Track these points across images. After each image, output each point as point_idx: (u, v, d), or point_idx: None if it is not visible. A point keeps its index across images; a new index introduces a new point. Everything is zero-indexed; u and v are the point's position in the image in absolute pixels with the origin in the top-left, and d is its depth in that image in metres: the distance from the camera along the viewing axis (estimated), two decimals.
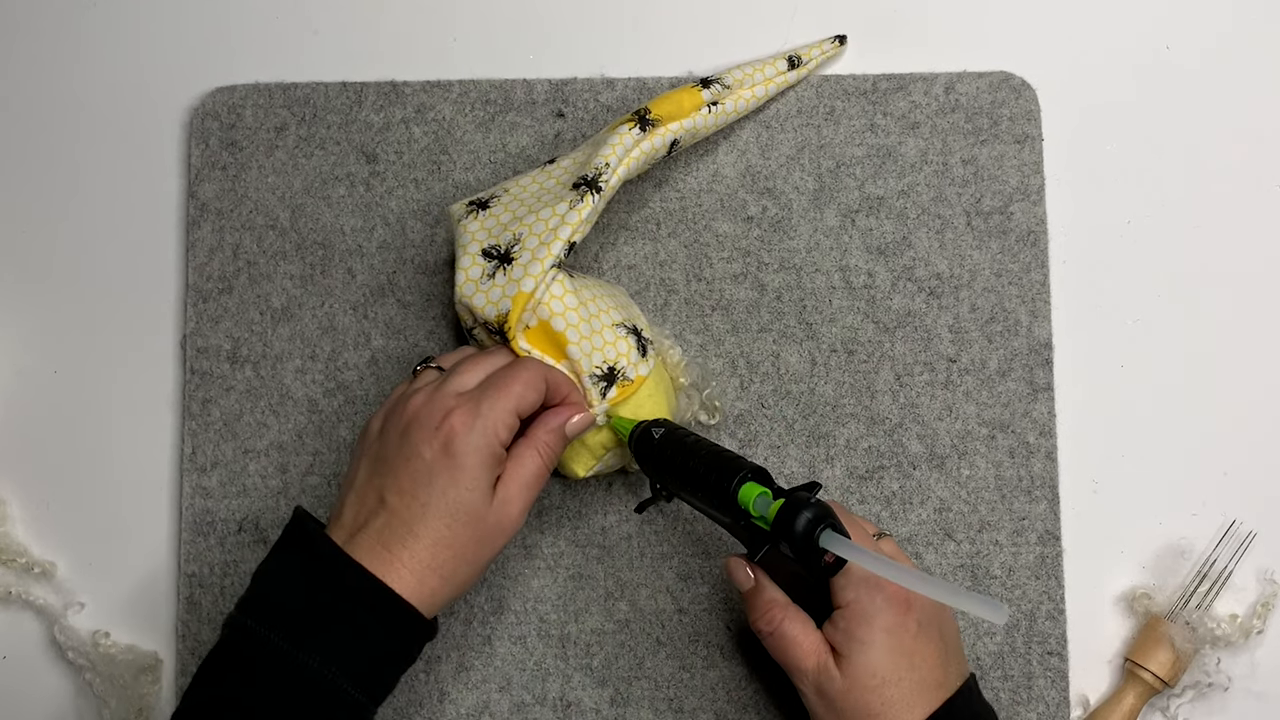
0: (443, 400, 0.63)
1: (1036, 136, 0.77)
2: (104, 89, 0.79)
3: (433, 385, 0.64)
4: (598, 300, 0.69)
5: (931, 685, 0.61)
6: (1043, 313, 0.75)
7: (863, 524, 0.65)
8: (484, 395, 0.63)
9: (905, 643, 0.61)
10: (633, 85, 0.77)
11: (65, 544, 0.76)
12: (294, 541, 0.62)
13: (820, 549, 0.58)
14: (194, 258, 0.77)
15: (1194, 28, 0.79)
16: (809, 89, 0.77)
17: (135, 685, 0.72)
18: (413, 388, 0.65)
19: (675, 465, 0.64)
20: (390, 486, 0.61)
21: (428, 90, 0.78)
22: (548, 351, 0.68)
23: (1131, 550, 0.75)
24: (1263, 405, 0.76)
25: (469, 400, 0.62)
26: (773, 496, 0.60)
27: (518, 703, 0.73)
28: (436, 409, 0.62)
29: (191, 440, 0.75)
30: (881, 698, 0.61)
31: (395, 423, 0.63)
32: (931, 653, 0.62)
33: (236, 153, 0.77)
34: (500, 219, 0.69)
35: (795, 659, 0.63)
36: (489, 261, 0.68)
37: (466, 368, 0.65)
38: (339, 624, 0.59)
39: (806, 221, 0.76)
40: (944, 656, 0.62)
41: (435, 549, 0.60)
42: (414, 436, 0.62)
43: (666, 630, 0.73)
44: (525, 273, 0.66)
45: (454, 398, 0.63)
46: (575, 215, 0.68)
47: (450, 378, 0.65)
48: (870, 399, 0.75)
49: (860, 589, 0.62)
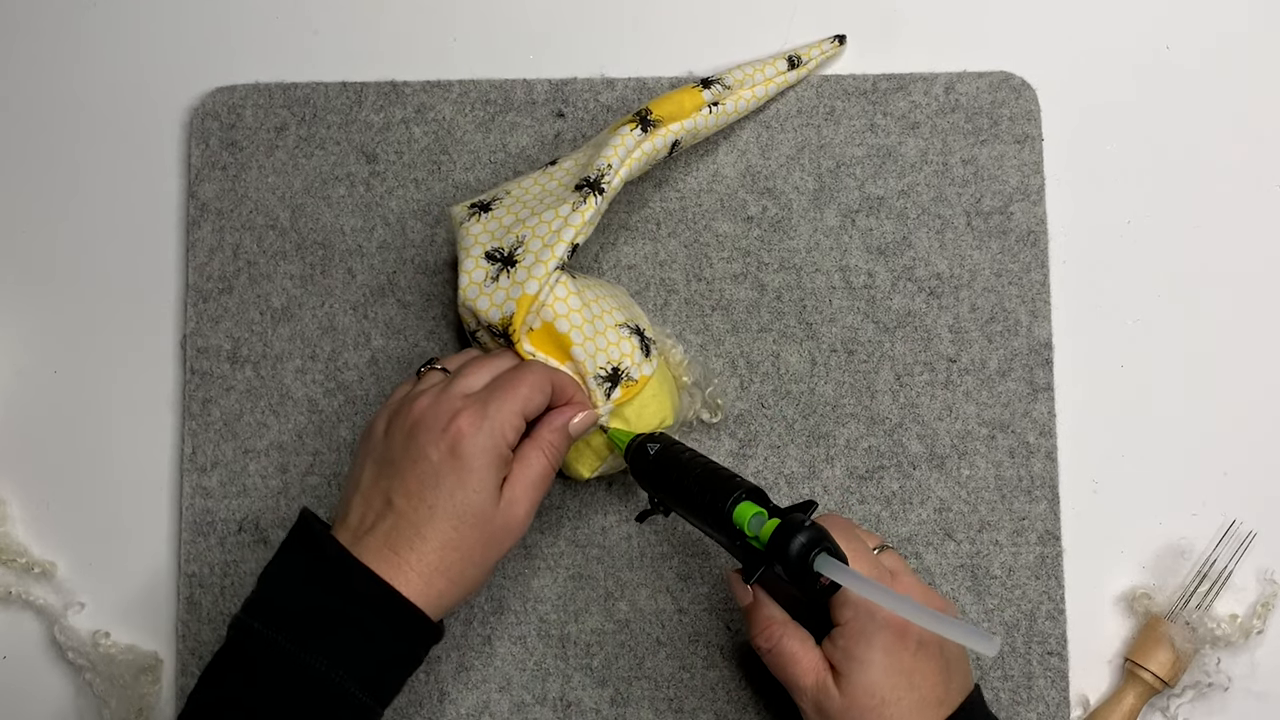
0: (449, 402, 0.62)
1: (1036, 136, 0.77)
2: (104, 89, 0.79)
3: (438, 387, 0.64)
4: (600, 301, 0.69)
5: (932, 703, 0.61)
6: (1043, 313, 0.75)
7: (865, 536, 0.65)
8: (491, 397, 0.62)
9: (904, 661, 0.60)
10: (633, 85, 0.77)
11: (65, 544, 0.76)
12: (301, 543, 0.62)
13: (815, 573, 0.58)
14: (194, 258, 0.77)
15: (1194, 28, 0.79)
16: (809, 89, 0.77)
17: (135, 685, 0.72)
18: (418, 389, 0.65)
19: (670, 483, 0.64)
20: (397, 489, 0.61)
21: (428, 90, 0.78)
22: (552, 354, 0.68)
23: (1131, 550, 0.75)
24: (1263, 405, 0.76)
25: (476, 402, 0.62)
26: (768, 516, 0.60)
27: (518, 703, 0.73)
28: (443, 411, 0.62)
29: (191, 440, 0.75)
30: (881, 717, 0.60)
31: (400, 424, 0.63)
32: (932, 671, 0.61)
33: (236, 153, 0.77)
34: (503, 221, 0.69)
35: (794, 676, 0.63)
36: (492, 264, 0.68)
37: (472, 369, 0.65)
38: (346, 627, 0.59)
39: (806, 221, 0.76)
40: (945, 674, 0.62)
41: (443, 551, 0.60)
42: (421, 438, 0.61)
43: (666, 630, 0.73)
44: (529, 275, 0.66)
45: (460, 399, 0.63)
46: (578, 217, 0.67)
47: (456, 379, 0.64)
48: (870, 399, 0.75)
49: (858, 608, 0.61)
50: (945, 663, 0.62)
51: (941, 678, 0.61)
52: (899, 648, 0.60)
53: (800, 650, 0.63)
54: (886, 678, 0.60)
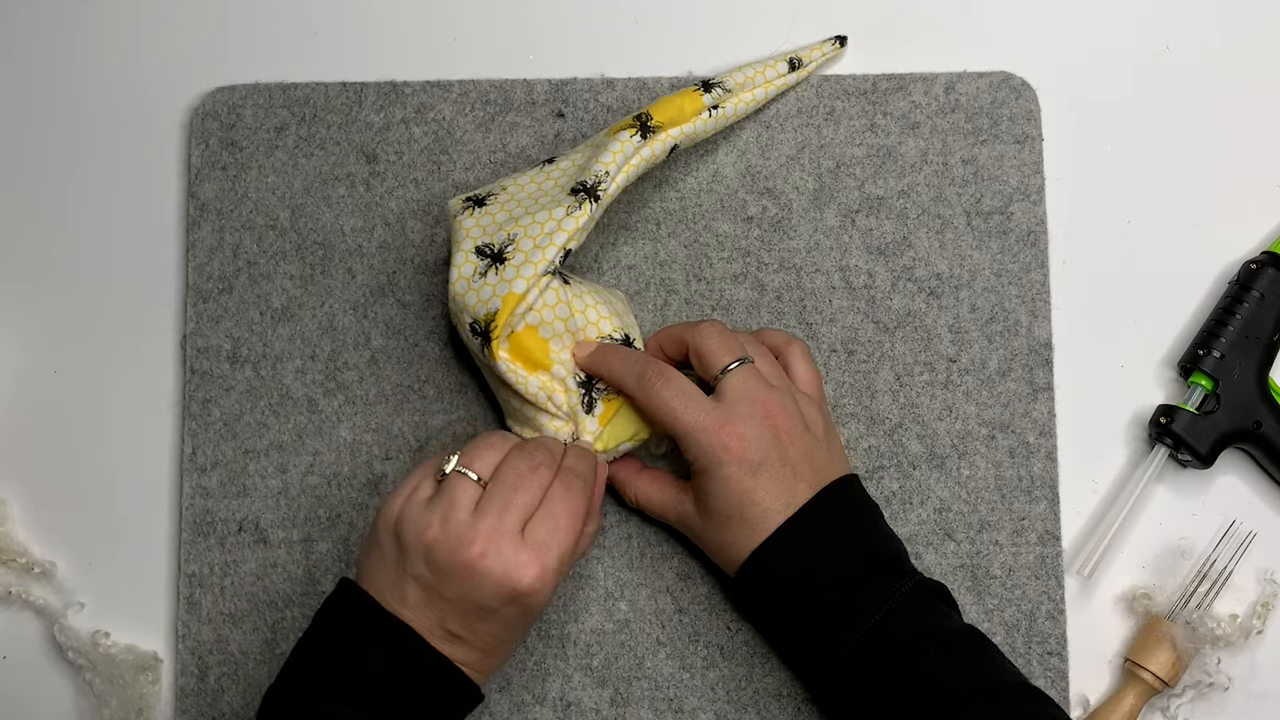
0: (511, 549, 0.61)
1: (1036, 136, 0.77)
2: (104, 89, 0.79)
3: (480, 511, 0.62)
4: (592, 310, 0.69)
5: (778, 509, 0.66)
6: (1043, 313, 0.75)
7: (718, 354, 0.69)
8: (553, 540, 0.62)
9: (744, 483, 0.65)
10: (633, 85, 0.77)
11: (65, 544, 0.76)
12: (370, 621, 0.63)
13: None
14: (194, 258, 0.77)
15: (1194, 28, 0.79)
16: (809, 89, 0.77)
17: (135, 685, 0.72)
18: (453, 505, 0.62)
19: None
20: (453, 621, 0.63)
21: (428, 90, 0.78)
22: (526, 364, 0.68)
23: (1132, 550, 0.75)
24: None
25: (538, 550, 0.62)
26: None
27: (518, 703, 0.73)
28: (507, 561, 0.61)
29: (191, 440, 0.75)
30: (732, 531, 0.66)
31: (444, 555, 0.61)
32: (772, 483, 0.66)
33: (236, 153, 0.77)
34: (496, 217, 0.69)
35: (660, 512, 0.71)
36: (482, 259, 0.68)
37: (516, 486, 0.63)
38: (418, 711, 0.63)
39: (806, 221, 0.76)
40: (791, 481, 0.66)
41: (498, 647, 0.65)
42: (485, 590, 0.61)
43: (666, 630, 0.73)
44: (517, 274, 0.66)
45: (515, 541, 0.62)
46: (572, 222, 0.67)
47: (504, 507, 0.62)
48: (870, 399, 0.75)
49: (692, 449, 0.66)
50: (790, 470, 0.66)
51: (785, 485, 0.66)
52: (736, 477, 0.65)
53: (658, 492, 0.70)
54: (730, 501, 0.66)
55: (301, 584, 0.74)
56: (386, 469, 0.75)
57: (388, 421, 0.75)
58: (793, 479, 0.66)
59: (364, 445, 0.75)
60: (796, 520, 0.65)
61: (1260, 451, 0.73)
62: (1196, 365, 0.73)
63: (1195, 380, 0.73)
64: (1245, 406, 0.72)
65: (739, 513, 0.66)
